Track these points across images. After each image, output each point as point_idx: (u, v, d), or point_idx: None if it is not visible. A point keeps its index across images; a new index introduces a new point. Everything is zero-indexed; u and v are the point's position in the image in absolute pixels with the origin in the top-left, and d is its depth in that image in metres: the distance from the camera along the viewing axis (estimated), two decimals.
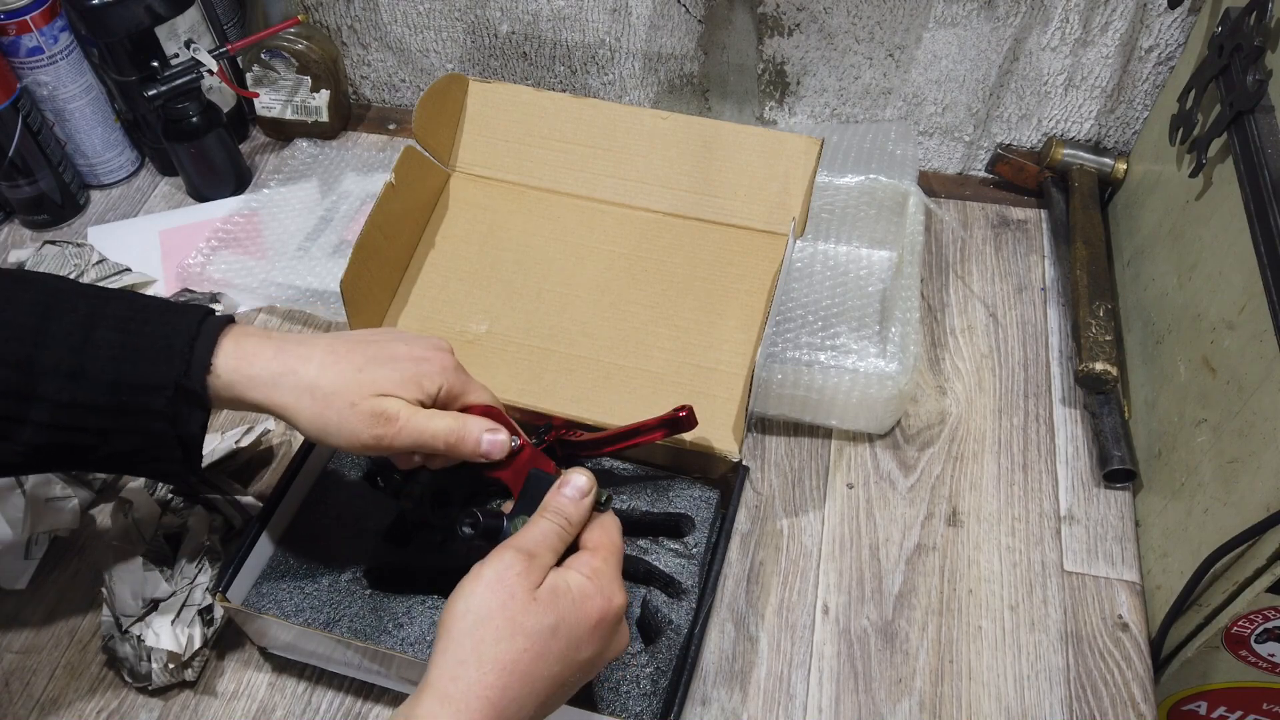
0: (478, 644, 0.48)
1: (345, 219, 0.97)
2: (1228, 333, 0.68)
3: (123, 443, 0.55)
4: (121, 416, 0.54)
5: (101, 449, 0.55)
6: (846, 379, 0.77)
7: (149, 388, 0.54)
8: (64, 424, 0.54)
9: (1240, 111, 0.69)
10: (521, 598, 0.49)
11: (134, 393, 0.54)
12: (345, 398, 0.56)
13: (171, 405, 0.54)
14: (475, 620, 0.48)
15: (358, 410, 0.56)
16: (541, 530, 0.53)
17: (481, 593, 0.49)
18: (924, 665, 0.70)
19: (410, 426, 0.56)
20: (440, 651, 0.48)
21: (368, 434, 0.56)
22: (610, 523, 0.56)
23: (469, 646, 0.48)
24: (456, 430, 0.58)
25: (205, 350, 0.55)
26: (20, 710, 0.68)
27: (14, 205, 1.00)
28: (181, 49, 0.95)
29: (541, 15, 1.00)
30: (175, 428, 0.55)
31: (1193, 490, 0.70)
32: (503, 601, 0.49)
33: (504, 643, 0.48)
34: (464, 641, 0.48)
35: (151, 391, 0.54)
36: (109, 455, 0.56)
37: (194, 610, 0.67)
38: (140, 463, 0.57)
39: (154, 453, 0.56)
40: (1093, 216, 0.92)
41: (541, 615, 0.49)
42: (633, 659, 0.64)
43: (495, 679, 0.47)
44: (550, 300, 0.79)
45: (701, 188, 0.81)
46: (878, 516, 0.78)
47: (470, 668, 0.47)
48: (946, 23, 0.92)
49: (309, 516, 0.71)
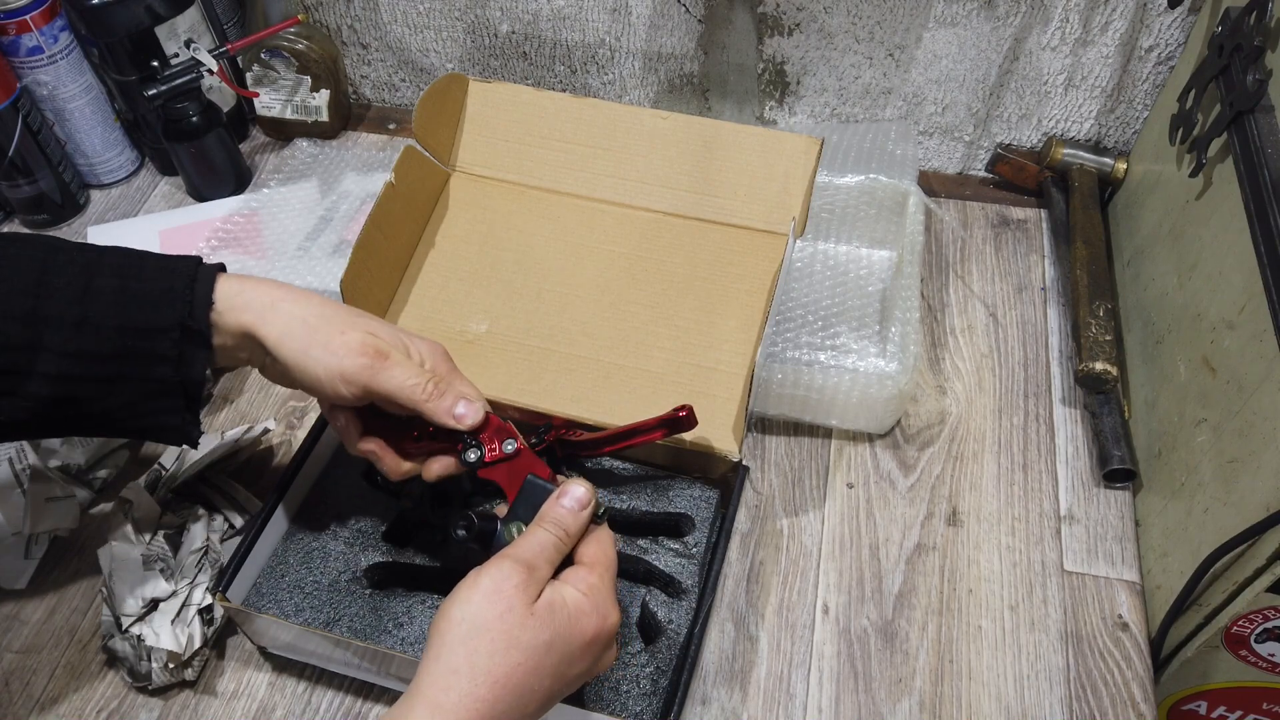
0: (471, 654, 0.47)
1: (345, 219, 0.97)
2: (1228, 332, 0.68)
3: (126, 392, 0.55)
4: (127, 362, 0.55)
5: (105, 399, 0.55)
6: (846, 379, 0.77)
7: (154, 330, 0.55)
8: (70, 374, 0.54)
9: (1240, 111, 0.69)
10: (519, 611, 0.48)
11: (139, 336, 0.54)
12: (336, 326, 0.56)
13: (177, 346, 0.55)
14: (471, 630, 0.48)
15: (347, 338, 0.56)
16: (540, 541, 0.52)
17: (478, 602, 0.48)
18: (924, 665, 0.70)
19: (398, 369, 0.56)
20: (433, 658, 0.48)
21: (352, 362, 0.56)
22: (606, 537, 0.55)
23: (463, 656, 0.47)
24: (437, 389, 0.57)
25: (205, 289, 0.56)
26: (20, 710, 0.68)
27: (14, 205, 1.00)
28: (181, 49, 0.95)
29: (541, 15, 1.00)
30: (179, 371, 0.55)
31: (1193, 490, 0.70)
32: (500, 613, 0.48)
33: (499, 656, 0.47)
34: (458, 650, 0.47)
35: (157, 334, 0.55)
36: (112, 411, 0.56)
37: (194, 610, 0.67)
38: (143, 415, 0.57)
39: (155, 404, 0.56)
40: (1093, 216, 0.92)
41: (538, 630, 0.49)
42: (633, 659, 0.64)
43: (488, 692, 0.47)
44: (550, 300, 0.79)
45: (701, 187, 0.81)
46: (878, 516, 0.78)
47: (463, 678, 0.47)
48: (946, 22, 0.92)
49: (309, 516, 0.71)
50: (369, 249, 0.75)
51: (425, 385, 0.57)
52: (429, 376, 0.57)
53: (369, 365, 0.56)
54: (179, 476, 0.74)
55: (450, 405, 0.58)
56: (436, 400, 0.57)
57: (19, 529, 0.74)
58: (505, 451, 0.59)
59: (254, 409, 0.85)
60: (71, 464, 0.77)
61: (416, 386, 0.57)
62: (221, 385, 0.86)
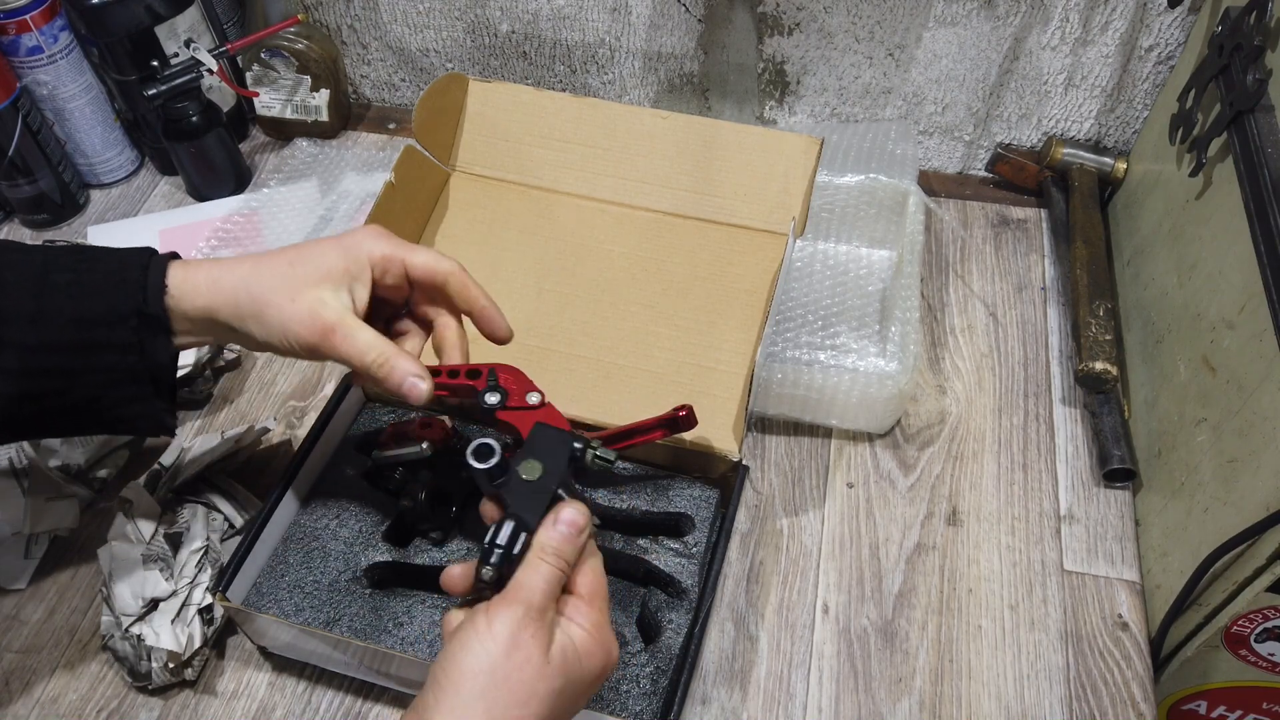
0: (490, 707, 0.46)
1: (345, 218, 0.97)
2: (1227, 332, 0.68)
3: (91, 384, 0.56)
4: (89, 353, 0.55)
5: (72, 393, 0.56)
6: (846, 378, 0.77)
7: (111, 320, 0.55)
8: (32, 368, 0.55)
9: (1240, 111, 0.69)
10: (537, 663, 0.47)
11: (96, 327, 0.55)
12: (284, 293, 0.56)
13: (136, 334, 0.55)
14: (489, 683, 0.46)
15: (297, 306, 0.56)
16: (544, 578, 0.50)
17: (496, 655, 0.47)
18: (924, 664, 0.70)
19: (344, 343, 0.56)
20: (447, 710, 0.46)
21: (305, 333, 0.56)
22: (598, 563, 0.54)
23: (481, 711, 0.46)
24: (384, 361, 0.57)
25: (158, 276, 0.56)
26: (20, 710, 0.68)
27: (14, 205, 1.00)
28: (181, 48, 0.95)
29: (541, 15, 1.00)
30: (144, 359, 0.56)
31: (1193, 490, 0.70)
32: (519, 665, 0.47)
33: (516, 709, 0.46)
34: (476, 706, 0.46)
35: (114, 324, 0.55)
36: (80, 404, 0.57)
37: (194, 610, 0.67)
38: (112, 407, 0.58)
39: (122, 392, 0.57)
40: (1093, 216, 0.92)
41: (553, 679, 0.48)
42: (632, 658, 0.64)
43: None
44: (550, 299, 0.79)
45: (702, 187, 0.81)
46: (878, 516, 0.78)
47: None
48: (946, 22, 0.92)
49: (309, 516, 0.71)
50: None
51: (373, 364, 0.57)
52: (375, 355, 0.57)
53: (320, 345, 0.56)
54: (179, 476, 0.74)
55: (398, 381, 0.57)
56: (386, 377, 0.57)
57: (19, 529, 0.74)
58: (529, 403, 0.59)
59: (254, 409, 0.85)
60: (71, 464, 0.77)
61: (365, 364, 0.57)
62: (221, 385, 0.86)
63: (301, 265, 0.57)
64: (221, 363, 0.86)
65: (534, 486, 0.51)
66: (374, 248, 0.59)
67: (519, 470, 0.52)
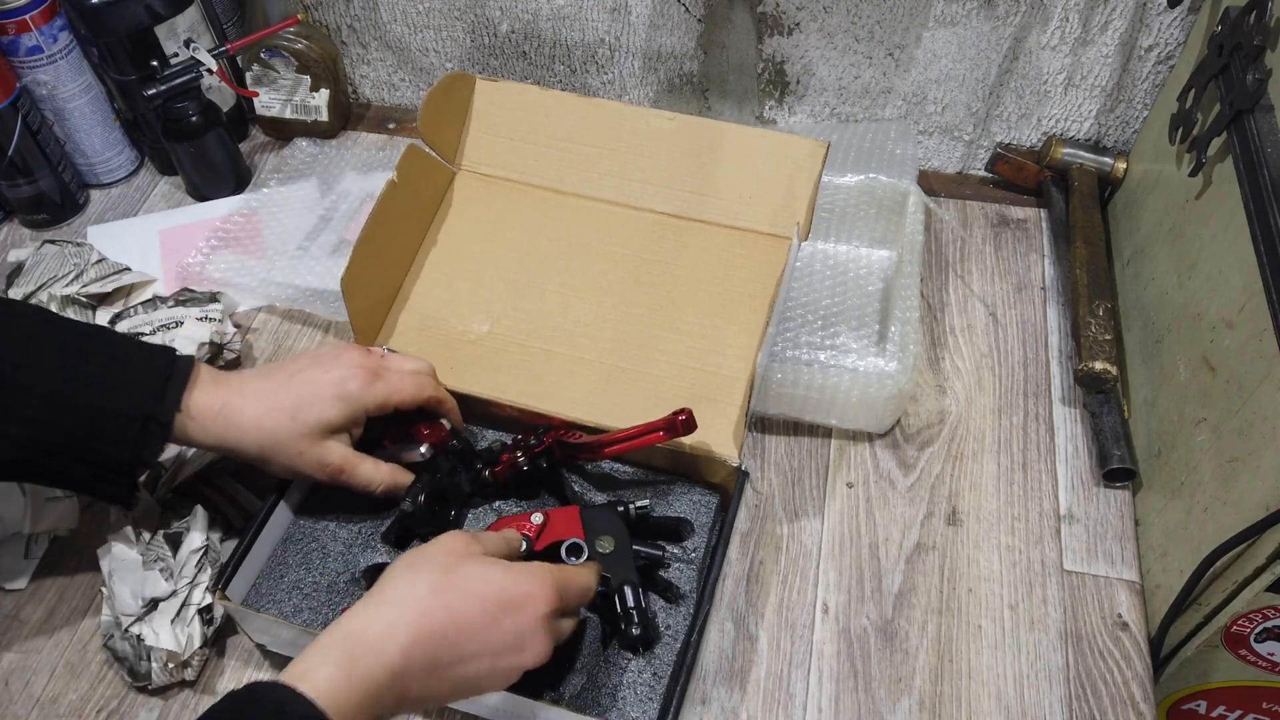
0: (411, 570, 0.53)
1: (345, 218, 0.97)
2: (1227, 332, 0.68)
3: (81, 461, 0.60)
4: (89, 440, 0.59)
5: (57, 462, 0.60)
6: (846, 378, 0.77)
7: (121, 421, 0.59)
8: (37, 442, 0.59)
9: (1240, 111, 0.69)
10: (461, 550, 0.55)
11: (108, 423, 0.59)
12: (292, 448, 0.63)
13: (140, 435, 0.60)
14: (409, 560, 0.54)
15: (305, 458, 0.64)
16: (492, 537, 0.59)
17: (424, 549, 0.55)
18: (924, 664, 0.70)
19: (352, 481, 0.66)
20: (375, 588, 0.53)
21: (317, 477, 0.66)
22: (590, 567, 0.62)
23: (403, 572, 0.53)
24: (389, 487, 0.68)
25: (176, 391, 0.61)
26: (20, 709, 0.68)
27: (13, 204, 1.00)
28: (181, 48, 0.95)
29: (541, 14, 1.00)
30: (134, 456, 0.60)
31: (1192, 489, 0.70)
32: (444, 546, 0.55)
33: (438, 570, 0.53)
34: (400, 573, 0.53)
35: (124, 424, 0.59)
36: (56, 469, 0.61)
37: (194, 609, 0.67)
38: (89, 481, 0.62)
39: (102, 474, 0.61)
40: (1092, 216, 0.92)
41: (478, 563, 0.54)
42: (630, 664, 0.64)
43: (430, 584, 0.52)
44: (553, 301, 0.79)
45: (706, 189, 0.81)
46: (877, 516, 0.78)
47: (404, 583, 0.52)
48: (946, 22, 0.92)
49: (308, 517, 0.71)
50: (370, 247, 0.74)
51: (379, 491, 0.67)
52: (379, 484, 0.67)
53: (328, 478, 0.66)
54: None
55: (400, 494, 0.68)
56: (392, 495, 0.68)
57: (19, 529, 0.74)
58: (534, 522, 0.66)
59: None
60: None
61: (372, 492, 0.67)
62: None
63: (303, 415, 0.63)
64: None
65: (617, 556, 0.64)
66: (369, 400, 0.65)
67: (598, 547, 0.64)
